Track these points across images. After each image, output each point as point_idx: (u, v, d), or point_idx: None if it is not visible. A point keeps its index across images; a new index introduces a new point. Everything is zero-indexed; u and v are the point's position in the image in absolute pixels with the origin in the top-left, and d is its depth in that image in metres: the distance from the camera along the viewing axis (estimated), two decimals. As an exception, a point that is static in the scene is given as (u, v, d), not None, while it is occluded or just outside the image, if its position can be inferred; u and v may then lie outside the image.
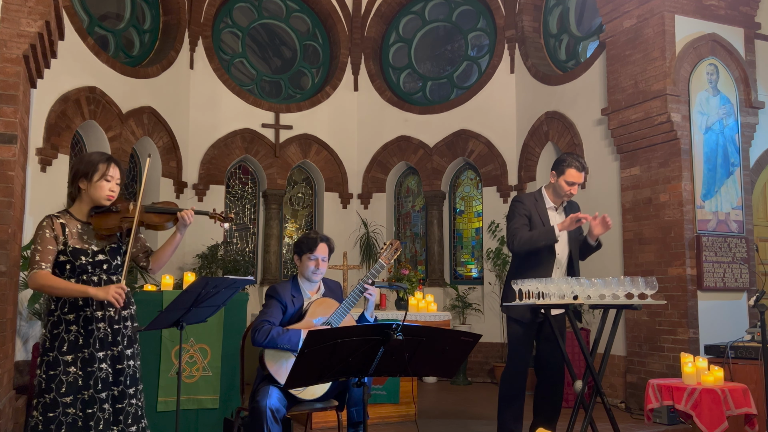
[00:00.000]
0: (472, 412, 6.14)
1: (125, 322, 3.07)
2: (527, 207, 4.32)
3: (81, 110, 6.96)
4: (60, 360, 2.89)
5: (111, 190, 3.04)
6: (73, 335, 2.93)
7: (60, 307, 2.95)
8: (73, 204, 3.09)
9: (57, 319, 2.94)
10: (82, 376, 2.90)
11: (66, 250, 2.96)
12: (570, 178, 4.25)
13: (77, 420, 2.87)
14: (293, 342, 3.55)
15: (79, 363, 2.91)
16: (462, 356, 2.73)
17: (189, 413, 4.65)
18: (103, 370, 2.94)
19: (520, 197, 4.43)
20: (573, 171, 4.24)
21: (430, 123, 9.21)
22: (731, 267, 6.17)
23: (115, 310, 3.02)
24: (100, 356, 2.94)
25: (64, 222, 3.00)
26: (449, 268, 9.19)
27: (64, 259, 2.96)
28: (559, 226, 4.14)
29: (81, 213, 3.06)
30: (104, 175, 3.01)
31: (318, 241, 3.88)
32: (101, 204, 3.04)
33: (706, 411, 4.43)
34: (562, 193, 4.31)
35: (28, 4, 4.33)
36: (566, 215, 4.37)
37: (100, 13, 7.92)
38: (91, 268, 3.00)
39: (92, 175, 3.00)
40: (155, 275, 3.87)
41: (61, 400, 2.86)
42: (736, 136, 6.42)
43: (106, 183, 3.02)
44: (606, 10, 6.81)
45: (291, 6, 9.67)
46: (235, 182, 9.20)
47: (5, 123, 4.23)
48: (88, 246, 3.01)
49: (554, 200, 4.39)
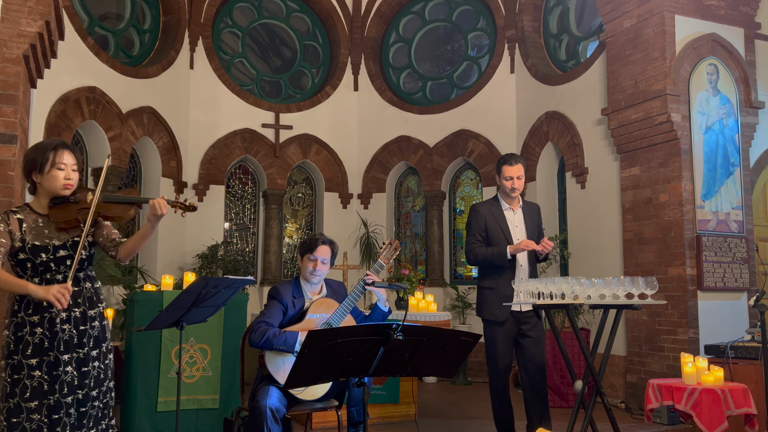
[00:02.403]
0: (472, 412, 6.14)
1: (92, 322, 2.90)
2: (482, 215, 4.57)
3: (81, 110, 6.96)
4: (24, 364, 2.75)
5: (67, 179, 2.85)
6: (38, 338, 2.77)
7: (23, 308, 2.79)
8: (34, 197, 2.93)
9: (21, 321, 2.78)
10: (48, 380, 2.76)
11: (25, 247, 2.79)
12: (506, 174, 4.51)
13: (42, 426, 2.73)
14: (289, 344, 3.54)
15: (45, 367, 2.76)
16: (462, 356, 2.73)
17: (189, 413, 4.65)
18: (68, 373, 2.79)
19: (476, 207, 4.68)
20: (506, 167, 4.51)
21: (430, 123, 9.21)
22: (731, 267, 6.17)
23: (81, 311, 2.87)
24: (65, 359, 2.79)
25: (22, 217, 2.83)
26: (449, 268, 9.19)
27: (23, 257, 2.80)
28: (511, 248, 4.38)
29: (40, 206, 2.89)
30: (55, 164, 2.82)
31: (319, 242, 3.88)
32: (59, 194, 2.86)
33: (706, 411, 4.43)
34: (507, 190, 4.53)
35: (28, 4, 4.34)
36: (525, 216, 4.61)
37: (100, 13, 7.92)
38: (54, 266, 2.83)
39: (43, 166, 2.82)
40: (155, 276, 3.86)
41: (25, 406, 2.72)
42: (736, 136, 6.42)
43: (60, 172, 2.83)
44: (606, 10, 6.81)
45: (291, 6, 9.67)
46: (235, 182, 9.20)
47: (5, 123, 4.23)
48: (49, 241, 2.83)
49: (508, 202, 4.62)
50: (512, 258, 4.42)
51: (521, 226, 4.58)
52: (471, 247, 4.54)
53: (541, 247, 4.37)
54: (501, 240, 4.48)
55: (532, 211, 4.67)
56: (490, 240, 4.52)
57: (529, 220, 4.61)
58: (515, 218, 4.58)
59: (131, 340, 4.65)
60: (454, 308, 8.61)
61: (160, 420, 4.57)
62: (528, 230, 4.58)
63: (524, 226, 4.59)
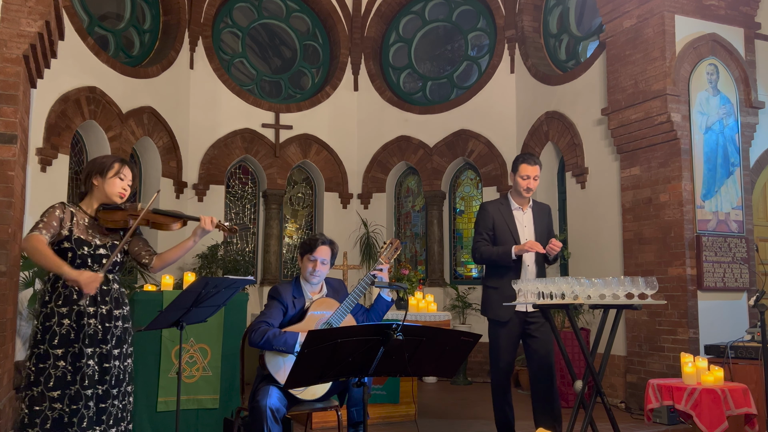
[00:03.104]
0: (472, 412, 6.14)
1: (116, 321, 3.07)
2: (490, 214, 4.54)
3: (81, 110, 6.96)
4: (50, 353, 2.89)
5: (123, 189, 3.15)
6: (65, 329, 2.93)
7: (54, 299, 2.96)
8: (83, 200, 3.17)
9: (50, 311, 2.95)
10: (71, 371, 2.90)
11: (71, 237, 3.01)
12: (523, 172, 4.47)
13: (63, 416, 2.86)
14: (289, 344, 3.54)
15: (69, 357, 2.91)
16: (462, 356, 2.73)
17: (189, 413, 4.65)
18: (90, 366, 2.93)
19: (484, 205, 4.66)
20: (524, 165, 4.48)
21: (430, 123, 9.21)
22: (731, 267, 6.17)
23: (108, 309, 3.03)
24: (88, 352, 2.93)
25: (74, 211, 3.08)
26: (449, 268, 9.19)
27: (67, 245, 3.00)
28: (516, 249, 4.35)
29: (90, 208, 3.14)
30: (118, 173, 3.13)
31: (319, 243, 3.88)
32: (113, 201, 3.13)
33: (706, 411, 4.43)
34: (520, 189, 4.50)
35: (28, 4, 4.33)
36: (534, 217, 4.57)
37: (100, 13, 7.92)
38: (91, 261, 3.04)
39: (107, 171, 3.11)
40: (155, 275, 3.89)
41: (49, 395, 2.85)
42: (736, 136, 6.43)
43: (120, 181, 3.14)
44: (606, 10, 6.81)
45: (291, 6, 9.67)
46: (235, 182, 9.20)
47: (5, 123, 4.23)
48: (92, 239, 3.06)
49: (519, 201, 4.58)
50: (517, 258, 4.39)
51: (530, 226, 4.54)
52: (477, 246, 4.52)
53: (546, 250, 4.34)
54: (508, 239, 4.45)
55: (542, 211, 4.63)
56: (497, 239, 4.48)
57: (538, 221, 4.57)
58: (524, 218, 4.55)
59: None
60: (454, 308, 8.62)
61: (160, 420, 4.57)
62: (537, 231, 4.53)
63: (533, 226, 4.54)
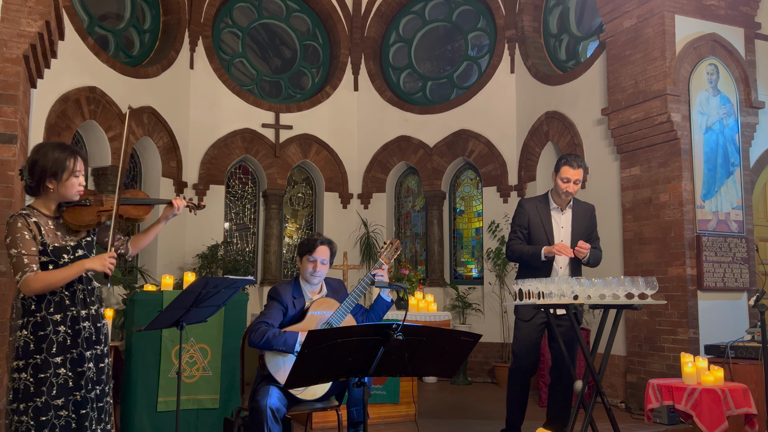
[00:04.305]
0: (472, 412, 6.14)
1: (102, 320, 2.97)
2: (526, 211, 4.50)
3: (81, 110, 6.96)
4: (50, 362, 2.77)
5: (81, 185, 2.89)
6: (62, 336, 2.80)
7: (45, 307, 2.80)
8: (37, 199, 2.89)
9: (41, 320, 2.79)
10: (73, 377, 2.82)
11: (47, 250, 2.80)
12: (564, 174, 4.41)
13: (70, 422, 2.79)
14: (289, 344, 3.54)
15: (69, 364, 2.81)
16: (462, 356, 2.73)
17: (189, 413, 4.65)
18: (90, 369, 2.87)
19: (521, 202, 4.62)
20: (566, 168, 4.41)
21: (430, 123, 9.21)
22: (731, 267, 6.17)
23: (96, 309, 2.93)
24: (88, 356, 2.86)
25: (37, 221, 2.82)
26: (449, 268, 9.19)
27: (45, 260, 2.81)
28: (545, 250, 4.33)
29: (48, 209, 2.88)
30: (73, 172, 2.84)
31: (318, 243, 3.88)
32: (72, 200, 2.88)
33: (706, 411, 4.43)
34: (560, 191, 4.45)
35: (28, 4, 4.34)
36: (573, 217, 4.51)
37: (100, 13, 7.92)
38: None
39: (61, 174, 2.82)
40: (155, 276, 3.88)
41: (53, 403, 2.76)
42: (736, 136, 6.42)
43: (76, 179, 2.85)
44: (606, 10, 6.81)
45: (291, 6, 9.67)
46: (235, 182, 9.20)
47: (5, 123, 4.23)
48: (65, 243, 2.87)
49: (557, 201, 4.52)
50: (547, 259, 4.34)
51: (567, 227, 4.48)
52: (510, 243, 4.50)
53: (574, 252, 4.30)
54: (542, 239, 4.41)
55: (585, 211, 4.57)
56: (531, 237, 4.45)
57: (578, 222, 4.51)
58: (562, 219, 4.49)
59: (131, 340, 4.65)
60: (454, 308, 8.62)
61: (160, 420, 4.57)
62: (575, 232, 4.48)
63: (570, 227, 4.49)
